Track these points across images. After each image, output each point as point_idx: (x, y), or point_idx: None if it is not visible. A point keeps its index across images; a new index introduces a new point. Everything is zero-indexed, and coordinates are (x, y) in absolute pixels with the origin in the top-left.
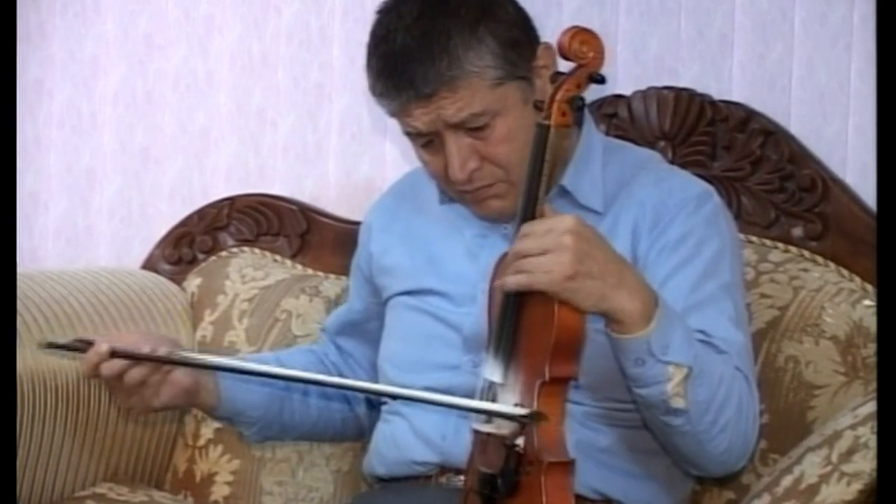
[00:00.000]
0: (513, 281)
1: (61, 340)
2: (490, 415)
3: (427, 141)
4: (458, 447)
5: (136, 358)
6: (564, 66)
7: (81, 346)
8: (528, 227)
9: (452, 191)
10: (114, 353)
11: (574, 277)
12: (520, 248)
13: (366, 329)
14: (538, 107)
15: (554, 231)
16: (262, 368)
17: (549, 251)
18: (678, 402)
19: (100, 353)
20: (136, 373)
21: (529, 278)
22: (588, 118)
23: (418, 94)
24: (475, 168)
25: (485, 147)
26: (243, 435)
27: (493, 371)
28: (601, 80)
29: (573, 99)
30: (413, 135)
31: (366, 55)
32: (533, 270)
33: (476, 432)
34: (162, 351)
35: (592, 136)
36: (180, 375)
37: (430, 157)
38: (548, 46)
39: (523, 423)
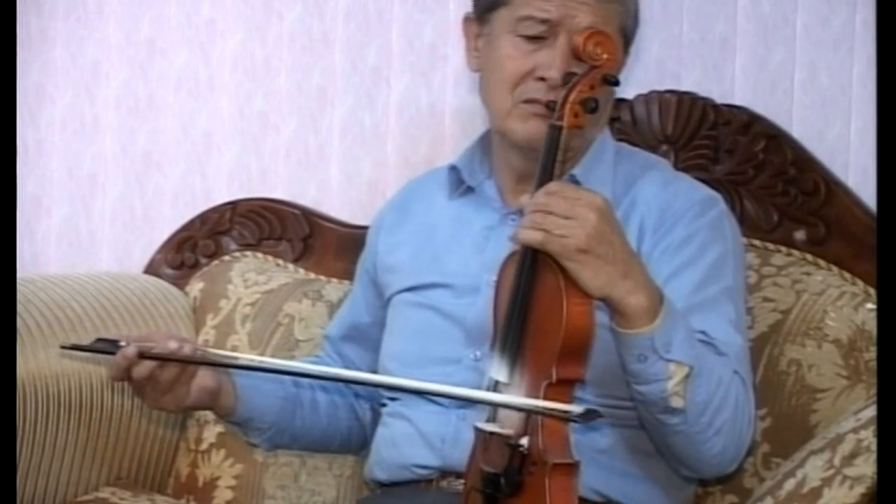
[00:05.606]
0: (527, 235)
1: (83, 342)
2: (543, 414)
3: (534, 33)
4: (458, 450)
5: (164, 359)
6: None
7: (107, 349)
8: (556, 185)
9: (513, 102)
10: (142, 355)
11: (587, 252)
12: (545, 202)
13: (370, 336)
14: (551, 107)
15: (583, 201)
16: (290, 365)
17: (573, 218)
18: (676, 402)
19: (128, 357)
20: (168, 373)
21: (545, 237)
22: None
23: None
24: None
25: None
26: (252, 442)
27: (498, 370)
28: (615, 83)
29: (586, 100)
30: (529, 20)
31: None
32: (550, 230)
33: (479, 431)
34: (187, 349)
35: (607, 137)
36: (205, 375)
37: (522, 54)
38: None
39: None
